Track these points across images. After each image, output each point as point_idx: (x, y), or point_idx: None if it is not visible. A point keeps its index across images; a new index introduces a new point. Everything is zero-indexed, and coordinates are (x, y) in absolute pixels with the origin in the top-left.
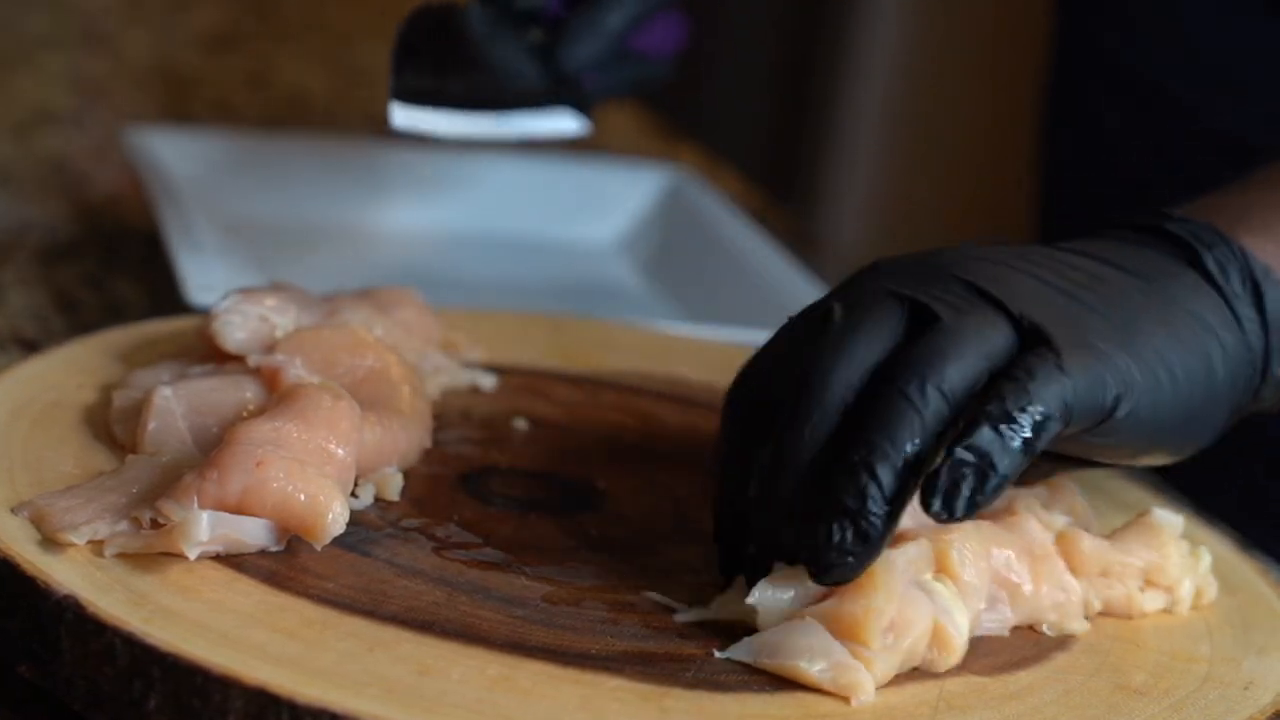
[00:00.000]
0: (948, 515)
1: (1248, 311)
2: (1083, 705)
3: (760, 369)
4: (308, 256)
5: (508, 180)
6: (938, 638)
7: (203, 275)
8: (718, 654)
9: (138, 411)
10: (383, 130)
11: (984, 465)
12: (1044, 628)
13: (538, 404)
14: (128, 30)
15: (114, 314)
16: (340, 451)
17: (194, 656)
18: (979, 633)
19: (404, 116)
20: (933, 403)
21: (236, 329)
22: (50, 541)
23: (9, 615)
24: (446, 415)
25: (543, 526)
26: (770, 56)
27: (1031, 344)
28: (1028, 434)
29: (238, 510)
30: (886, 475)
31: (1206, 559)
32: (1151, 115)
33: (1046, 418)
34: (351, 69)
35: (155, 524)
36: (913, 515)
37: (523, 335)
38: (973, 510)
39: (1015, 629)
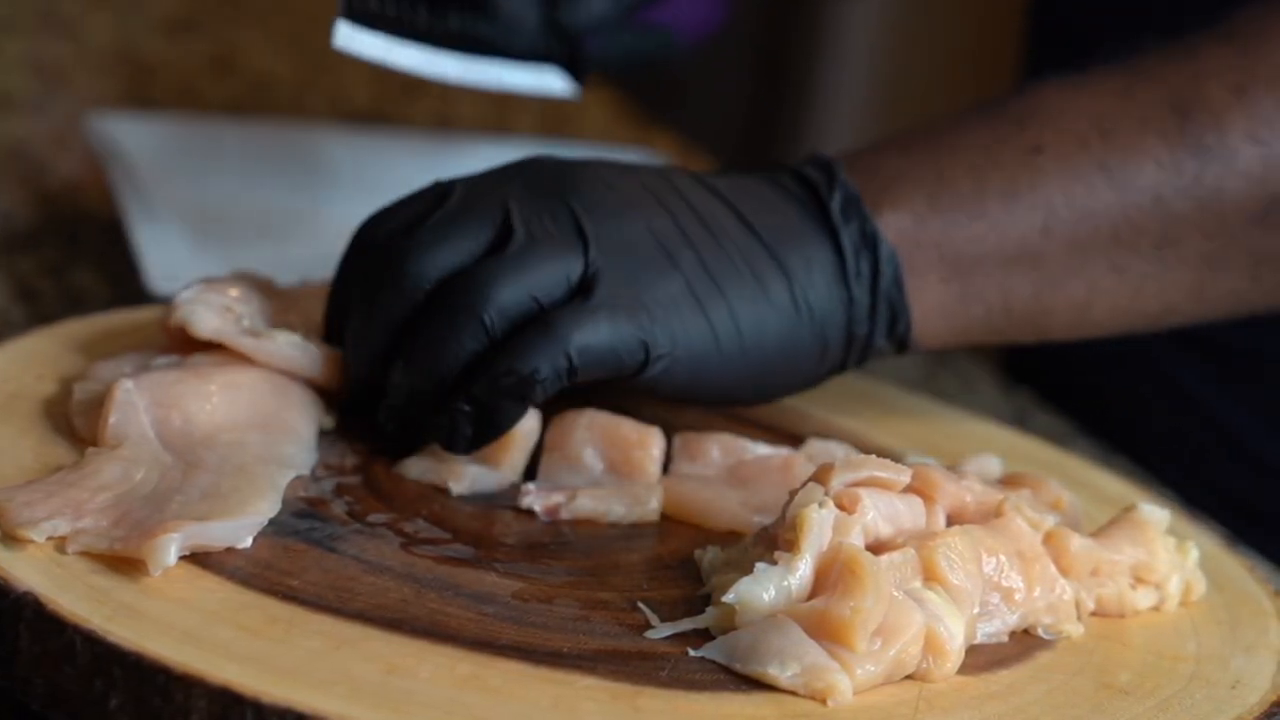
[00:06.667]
0: (454, 452)
1: (862, 287)
2: (1066, 704)
3: (377, 223)
4: (273, 245)
5: (479, 166)
6: (931, 644)
7: (165, 264)
8: (692, 652)
9: (99, 404)
10: (351, 116)
11: (482, 413)
12: (1039, 630)
13: None
14: (88, 14)
15: (74, 304)
16: None
17: (157, 655)
18: (978, 641)
19: (350, 38)
20: (469, 337)
21: (205, 318)
22: (9, 537)
23: None
24: None
25: (514, 522)
26: (746, 39)
27: (585, 289)
28: (526, 388)
29: None
30: (411, 401)
31: (1194, 553)
32: None
33: (548, 374)
34: (318, 54)
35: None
36: (892, 521)
37: None
38: (476, 448)
39: (1009, 633)
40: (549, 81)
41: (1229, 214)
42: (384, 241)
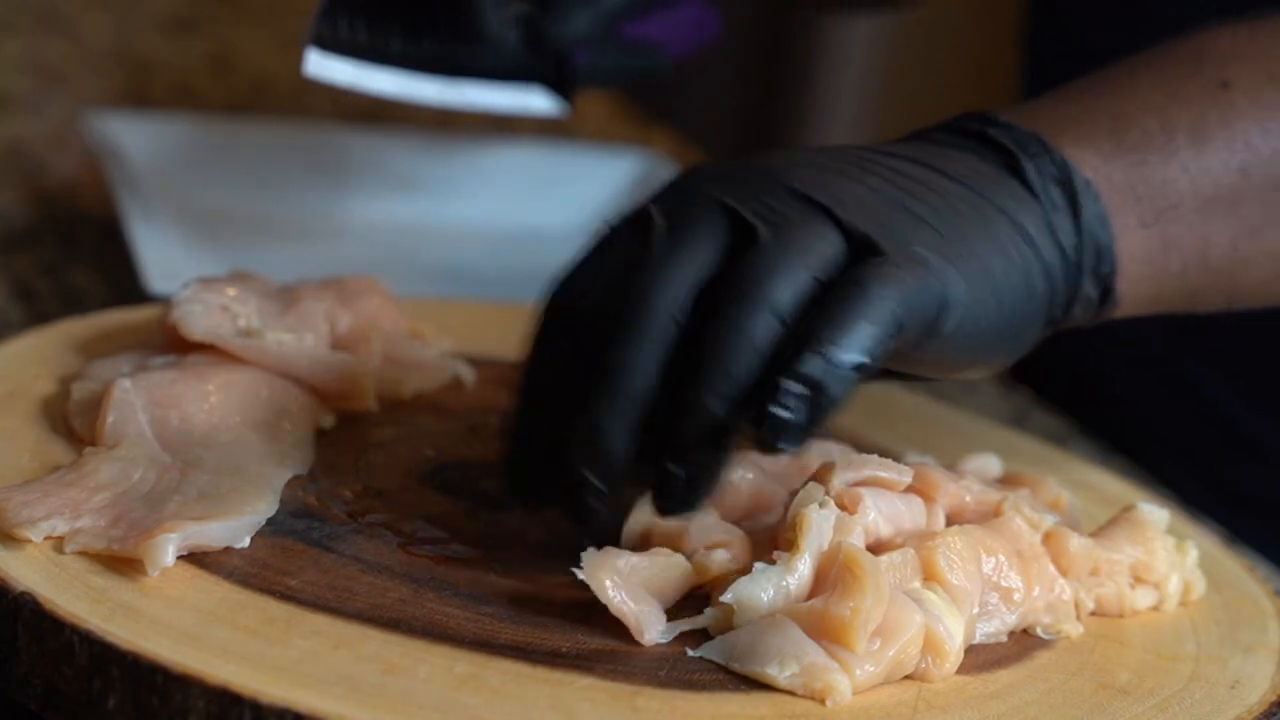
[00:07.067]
0: (782, 447)
1: (1064, 224)
2: (1065, 705)
3: (579, 280)
4: (271, 245)
5: (476, 167)
6: (930, 645)
7: (163, 264)
8: (691, 652)
9: (97, 404)
10: (351, 116)
11: (816, 394)
12: (1038, 630)
13: (508, 396)
14: (86, 12)
15: (72, 303)
16: None
17: (154, 655)
18: (977, 641)
19: (320, 65)
20: (763, 327)
21: (198, 318)
22: (7, 537)
23: None
24: (416, 407)
25: (512, 522)
26: (743, 40)
27: (861, 253)
28: (858, 357)
29: None
30: (721, 409)
31: (1194, 553)
32: None
33: (877, 337)
34: None
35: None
36: (893, 521)
37: (492, 325)
38: (808, 438)
39: (1008, 632)
40: (533, 101)
41: None
42: (602, 292)
